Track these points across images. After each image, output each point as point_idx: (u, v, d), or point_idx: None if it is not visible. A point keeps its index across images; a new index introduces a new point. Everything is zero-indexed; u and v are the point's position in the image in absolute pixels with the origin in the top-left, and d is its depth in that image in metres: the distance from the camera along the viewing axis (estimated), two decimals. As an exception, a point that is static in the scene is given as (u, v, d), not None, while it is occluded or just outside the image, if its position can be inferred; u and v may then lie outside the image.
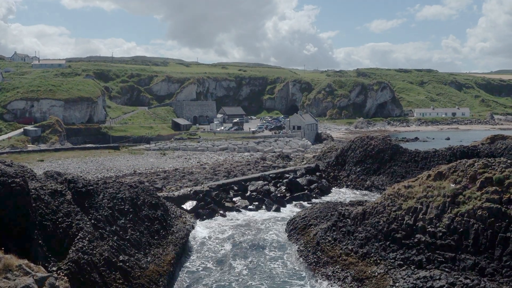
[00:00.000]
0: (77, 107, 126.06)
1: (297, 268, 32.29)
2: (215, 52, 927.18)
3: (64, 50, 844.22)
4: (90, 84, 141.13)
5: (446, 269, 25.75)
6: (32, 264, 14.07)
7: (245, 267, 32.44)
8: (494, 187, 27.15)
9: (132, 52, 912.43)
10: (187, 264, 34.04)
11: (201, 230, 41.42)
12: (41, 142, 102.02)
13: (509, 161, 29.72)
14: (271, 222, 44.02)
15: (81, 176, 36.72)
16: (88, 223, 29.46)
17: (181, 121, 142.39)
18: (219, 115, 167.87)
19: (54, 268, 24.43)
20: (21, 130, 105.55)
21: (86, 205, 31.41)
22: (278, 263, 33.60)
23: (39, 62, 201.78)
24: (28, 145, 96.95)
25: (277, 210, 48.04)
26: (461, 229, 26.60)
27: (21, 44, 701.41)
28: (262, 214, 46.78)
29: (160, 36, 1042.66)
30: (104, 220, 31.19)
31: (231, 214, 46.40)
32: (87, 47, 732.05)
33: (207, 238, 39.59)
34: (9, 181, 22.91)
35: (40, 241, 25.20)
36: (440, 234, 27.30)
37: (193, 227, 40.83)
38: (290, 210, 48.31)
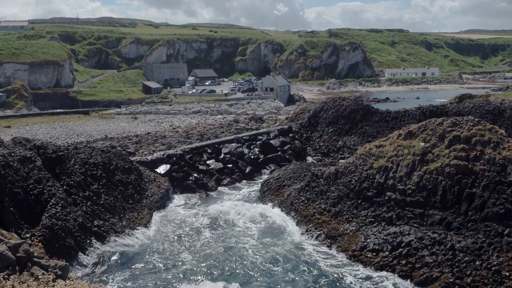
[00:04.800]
0: (43, 71, 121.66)
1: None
2: (184, 12, 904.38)
3: (24, 12, 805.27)
4: (56, 47, 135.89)
5: (415, 225, 26.71)
6: (4, 231, 13.87)
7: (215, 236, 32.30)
8: (461, 145, 27.95)
9: (97, 13, 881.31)
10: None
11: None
12: (7, 108, 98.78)
13: (476, 119, 30.53)
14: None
15: (50, 142, 35.95)
16: (60, 189, 29.09)
17: (152, 84, 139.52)
18: (190, 78, 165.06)
19: (28, 235, 24.21)
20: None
21: (58, 171, 30.92)
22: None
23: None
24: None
25: (251, 173, 48.42)
26: (430, 186, 27.47)
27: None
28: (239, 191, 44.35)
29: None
30: (77, 186, 30.84)
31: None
32: (49, 8, 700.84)
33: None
34: (-25, 148, 22.25)
35: (11, 209, 24.80)
36: (410, 191, 28.15)
37: (167, 192, 40.78)
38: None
